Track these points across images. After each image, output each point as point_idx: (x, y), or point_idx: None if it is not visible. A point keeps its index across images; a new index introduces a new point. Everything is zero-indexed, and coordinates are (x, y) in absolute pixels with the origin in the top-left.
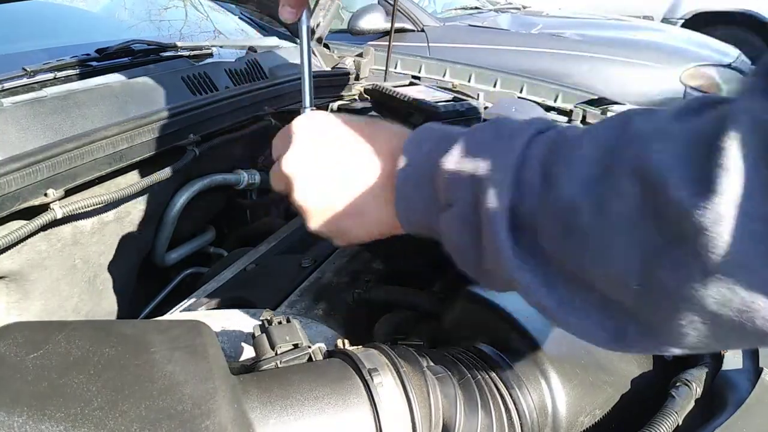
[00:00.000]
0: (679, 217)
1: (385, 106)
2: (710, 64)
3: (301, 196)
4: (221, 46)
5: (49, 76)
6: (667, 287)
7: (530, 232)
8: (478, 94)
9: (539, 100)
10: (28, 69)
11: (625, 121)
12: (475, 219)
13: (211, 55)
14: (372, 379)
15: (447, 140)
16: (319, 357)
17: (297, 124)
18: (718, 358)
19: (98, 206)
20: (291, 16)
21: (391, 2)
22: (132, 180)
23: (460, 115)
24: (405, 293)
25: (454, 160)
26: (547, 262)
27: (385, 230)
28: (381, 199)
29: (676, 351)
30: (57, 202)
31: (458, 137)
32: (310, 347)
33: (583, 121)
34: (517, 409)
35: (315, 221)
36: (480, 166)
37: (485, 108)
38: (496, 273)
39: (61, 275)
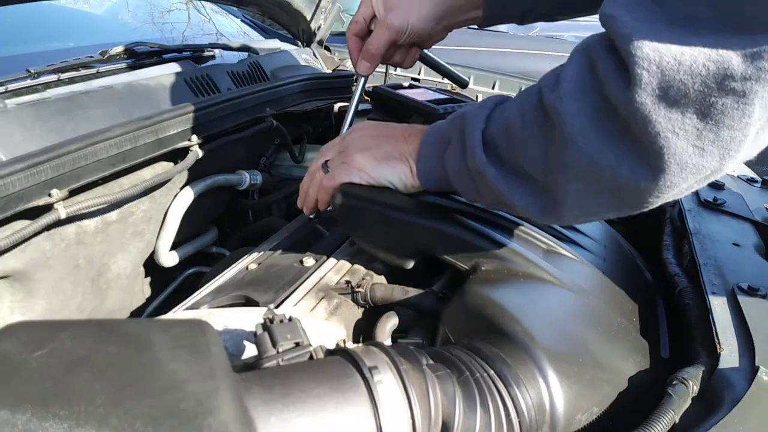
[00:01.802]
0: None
1: (386, 107)
2: None
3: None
4: (223, 49)
5: (53, 77)
6: (558, 164)
7: (491, 145)
8: (477, 96)
9: None
10: (31, 71)
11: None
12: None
13: (213, 57)
14: (372, 377)
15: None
16: (320, 355)
17: (347, 132)
18: (715, 357)
19: (102, 206)
20: (366, 70)
21: None
22: (135, 181)
23: None
24: (405, 293)
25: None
26: (502, 161)
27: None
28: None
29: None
30: (61, 202)
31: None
32: (311, 346)
33: None
34: (515, 407)
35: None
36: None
37: None
38: (479, 180)
39: (65, 274)
